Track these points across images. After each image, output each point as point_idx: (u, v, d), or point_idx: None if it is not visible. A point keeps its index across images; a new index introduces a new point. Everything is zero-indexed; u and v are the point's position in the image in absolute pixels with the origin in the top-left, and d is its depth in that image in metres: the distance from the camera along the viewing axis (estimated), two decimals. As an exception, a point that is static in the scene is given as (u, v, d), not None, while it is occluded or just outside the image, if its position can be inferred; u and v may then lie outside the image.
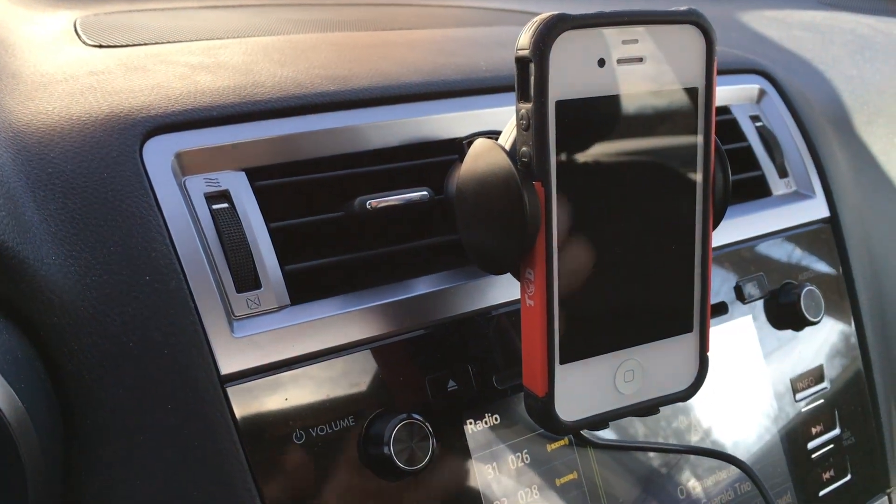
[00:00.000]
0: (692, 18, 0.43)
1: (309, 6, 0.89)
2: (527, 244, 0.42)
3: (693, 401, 0.60)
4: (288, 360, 0.46)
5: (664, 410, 0.58)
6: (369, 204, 0.50)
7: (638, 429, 0.57)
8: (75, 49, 0.59)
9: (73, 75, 0.53)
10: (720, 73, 0.73)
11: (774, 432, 0.64)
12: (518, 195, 0.41)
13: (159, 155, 0.47)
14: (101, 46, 0.60)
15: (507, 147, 0.44)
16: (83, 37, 0.63)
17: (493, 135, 0.56)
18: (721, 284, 0.63)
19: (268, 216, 0.49)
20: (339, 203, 0.51)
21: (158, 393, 0.42)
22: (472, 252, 0.46)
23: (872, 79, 0.91)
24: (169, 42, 0.62)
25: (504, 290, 0.53)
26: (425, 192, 0.52)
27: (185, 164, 0.48)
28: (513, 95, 0.61)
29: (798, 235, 0.69)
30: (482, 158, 0.44)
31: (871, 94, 0.88)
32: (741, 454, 0.61)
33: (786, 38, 0.99)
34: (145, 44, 0.61)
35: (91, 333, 0.42)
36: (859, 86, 0.89)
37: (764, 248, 0.67)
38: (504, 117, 0.57)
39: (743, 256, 0.65)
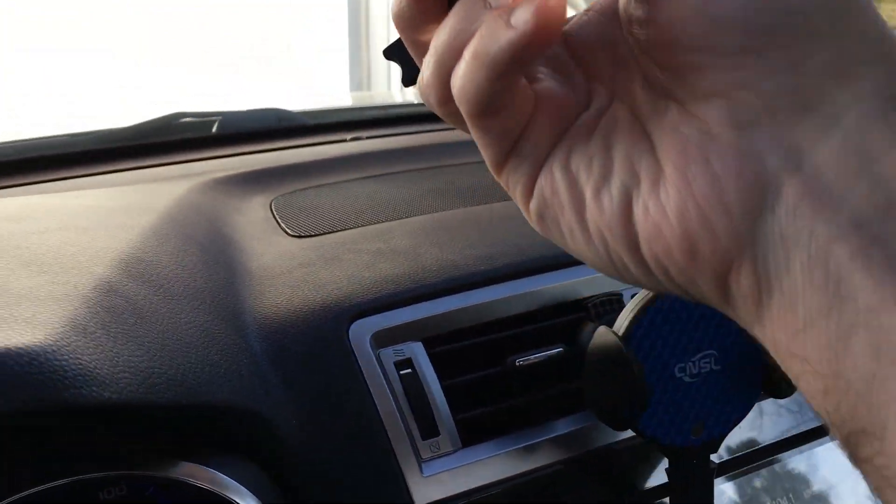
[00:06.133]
0: None
1: (431, 170, 1.04)
2: (641, 407, 0.55)
3: None
4: (465, 492, 0.60)
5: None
6: (518, 362, 0.64)
7: None
8: (281, 241, 0.77)
9: (287, 269, 0.70)
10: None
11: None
12: (630, 368, 0.54)
13: (360, 335, 0.63)
14: (300, 237, 0.78)
15: (624, 328, 0.57)
16: (283, 225, 0.81)
17: (614, 296, 0.70)
18: (821, 406, 0.73)
19: (441, 375, 0.63)
20: (496, 360, 0.65)
21: (372, 524, 0.57)
22: (600, 416, 0.59)
23: None
24: (349, 228, 0.79)
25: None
26: (561, 349, 0.66)
27: (378, 340, 0.63)
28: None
29: None
30: (600, 339, 0.57)
31: None
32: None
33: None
34: (332, 231, 0.78)
35: (319, 473, 0.57)
36: None
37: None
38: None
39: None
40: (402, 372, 0.62)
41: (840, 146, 0.20)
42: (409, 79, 0.29)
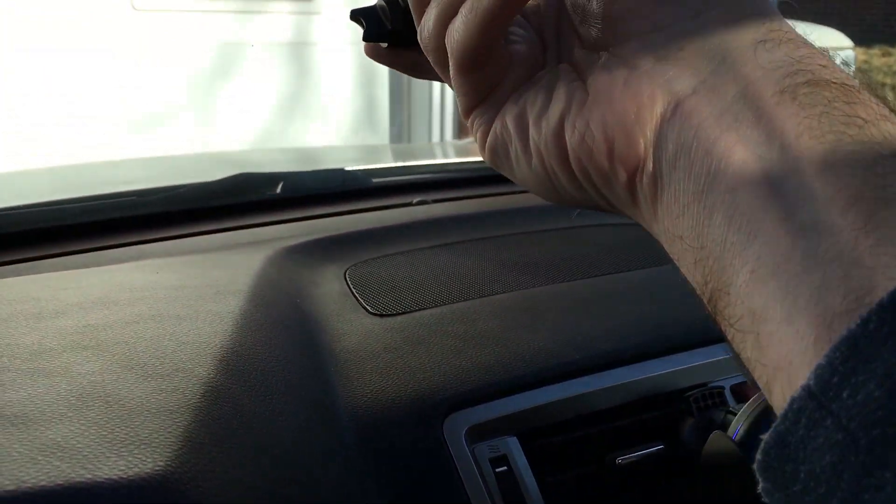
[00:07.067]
0: None
1: (501, 238, 1.02)
2: None
3: None
4: None
5: None
6: (619, 460, 0.61)
7: None
8: (362, 319, 0.75)
9: (373, 352, 0.68)
10: None
11: None
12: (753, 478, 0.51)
13: (455, 429, 0.60)
14: (381, 315, 0.76)
15: (741, 434, 0.54)
16: (362, 301, 0.79)
17: (716, 389, 0.67)
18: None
19: (538, 471, 0.60)
20: (593, 456, 0.62)
21: None
22: None
23: None
24: (430, 307, 0.77)
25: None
26: (661, 446, 0.63)
27: (472, 435, 0.61)
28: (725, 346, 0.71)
29: None
30: (716, 445, 0.54)
31: None
32: None
33: None
34: (414, 310, 0.76)
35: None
36: None
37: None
38: (718, 369, 0.67)
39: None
40: (497, 470, 0.60)
41: (722, 78, 0.26)
42: (369, 34, 0.34)
